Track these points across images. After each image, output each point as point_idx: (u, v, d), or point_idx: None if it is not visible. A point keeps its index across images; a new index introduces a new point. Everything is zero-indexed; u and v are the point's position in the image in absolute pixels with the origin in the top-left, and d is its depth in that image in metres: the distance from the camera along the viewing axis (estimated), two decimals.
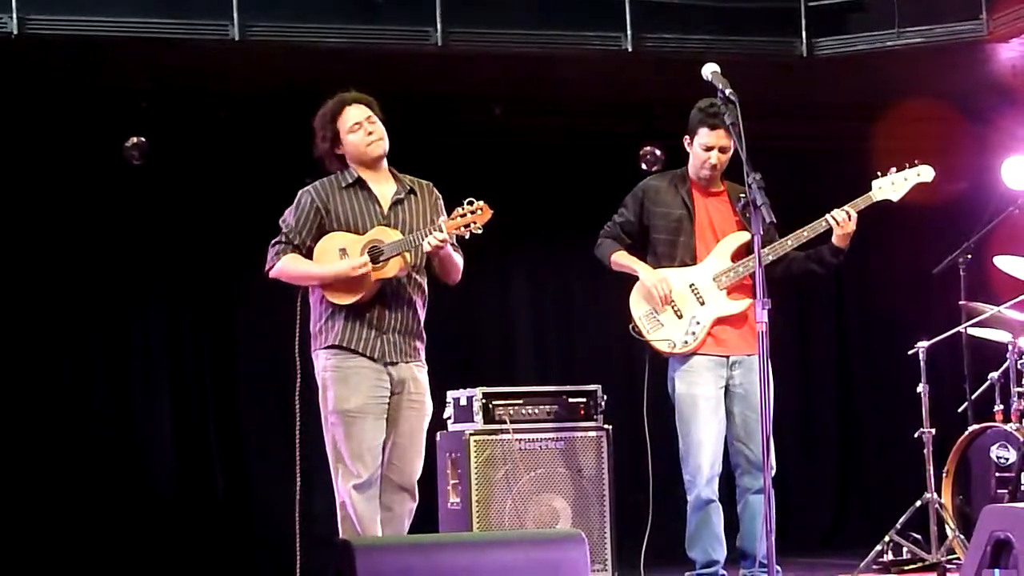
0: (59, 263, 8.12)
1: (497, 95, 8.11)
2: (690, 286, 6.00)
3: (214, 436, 8.31)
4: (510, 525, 6.53)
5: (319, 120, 5.45)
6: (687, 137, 6.05)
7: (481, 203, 5.25)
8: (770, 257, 5.85)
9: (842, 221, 5.86)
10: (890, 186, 5.93)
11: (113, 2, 6.97)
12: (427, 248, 5.26)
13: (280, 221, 5.44)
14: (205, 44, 7.11)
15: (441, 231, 5.23)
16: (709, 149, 5.96)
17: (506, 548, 4.63)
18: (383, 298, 5.34)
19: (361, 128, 5.39)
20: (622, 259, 6.11)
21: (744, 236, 5.96)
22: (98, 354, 8.23)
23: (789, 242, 5.93)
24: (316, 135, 5.46)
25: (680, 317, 5.99)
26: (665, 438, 6.11)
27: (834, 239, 5.92)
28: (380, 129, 5.42)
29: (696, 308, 5.99)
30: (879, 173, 5.95)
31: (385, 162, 5.46)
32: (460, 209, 5.26)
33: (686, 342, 5.98)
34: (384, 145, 5.41)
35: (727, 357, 6.00)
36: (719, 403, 5.99)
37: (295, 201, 5.42)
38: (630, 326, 6.04)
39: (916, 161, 5.94)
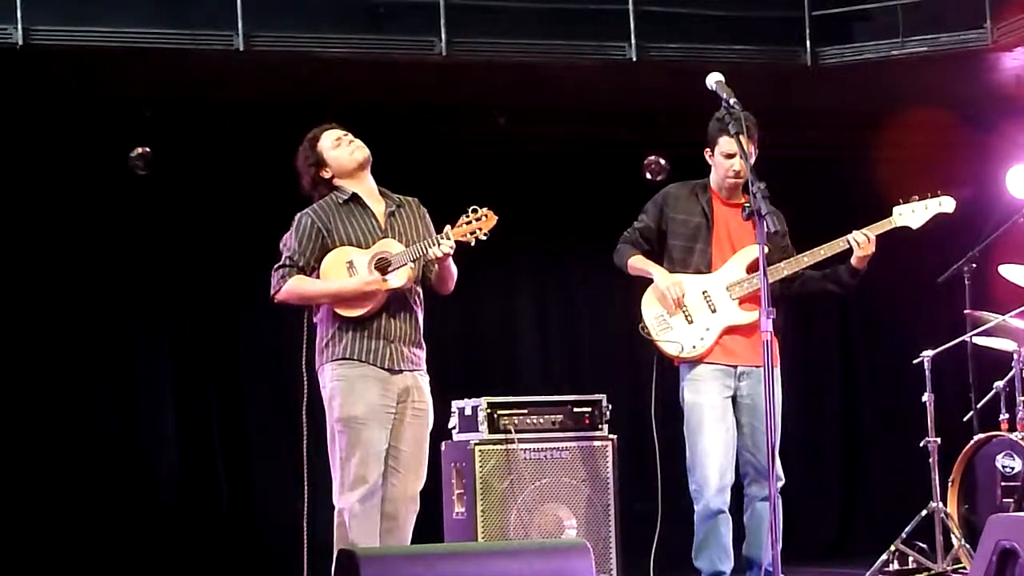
0: (64, 272, 8.12)
1: (501, 104, 8.10)
2: (703, 293, 6.00)
3: (219, 445, 8.32)
4: (515, 535, 6.52)
5: (300, 155, 5.53)
6: (707, 149, 6.03)
7: (485, 209, 5.29)
8: (785, 271, 5.87)
9: (863, 243, 5.89)
10: (911, 214, 5.97)
11: (118, 13, 6.99)
12: (436, 255, 5.28)
13: (281, 245, 5.46)
14: (209, 54, 7.12)
15: (449, 239, 5.26)
16: (730, 156, 5.93)
17: (511, 558, 4.62)
18: (388, 308, 5.36)
19: (341, 142, 5.49)
20: (638, 263, 6.11)
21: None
22: (102, 364, 8.24)
23: (805, 259, 5.93)
24: (301, 172, 5.53)
25: (691, 323, 5.99)
26: (671, 447, 6.10)
27: (853, 260, 5.94)
28: (359, 141, 5.51)
29: (707, 315, 5.98)
30: (900, 200, 5.97)
31: (372, 179, 5.51)
32: (465, 216, 5.29)
33: (694, 347, 5.97)
34: (366, 151, 5.48)
35: (734, 367, 5.99)
36: (726, 411, 5.97)
37: (295, 224, 5.44)
38: (639, 326, 6.03)
39: (939, 192, 5.96)
